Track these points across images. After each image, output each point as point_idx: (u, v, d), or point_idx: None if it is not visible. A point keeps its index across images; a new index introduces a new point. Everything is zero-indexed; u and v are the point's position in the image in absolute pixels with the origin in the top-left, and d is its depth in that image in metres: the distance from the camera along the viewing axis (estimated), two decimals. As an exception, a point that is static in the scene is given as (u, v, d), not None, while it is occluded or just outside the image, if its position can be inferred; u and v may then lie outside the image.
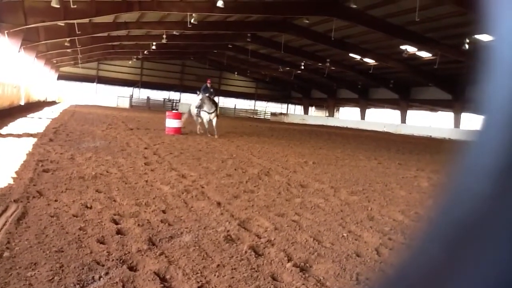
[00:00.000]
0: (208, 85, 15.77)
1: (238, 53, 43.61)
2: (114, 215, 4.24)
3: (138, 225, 3.96)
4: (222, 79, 61.02)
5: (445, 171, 0.41)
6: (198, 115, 15.34)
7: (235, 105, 59.89)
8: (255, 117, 59.08)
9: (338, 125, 46.31)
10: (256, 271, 3.13)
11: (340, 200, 5.94)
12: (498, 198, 0.36)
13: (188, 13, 23.74)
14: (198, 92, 15.59)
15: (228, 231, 4.01)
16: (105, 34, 30.94)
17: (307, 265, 3.36)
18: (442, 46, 26.81)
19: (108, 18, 25.85)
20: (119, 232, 3.75)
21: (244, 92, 63.25)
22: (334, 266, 3.35)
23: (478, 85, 0.40)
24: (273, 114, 56.88)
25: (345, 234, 4.27)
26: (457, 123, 38.07)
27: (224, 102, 61.19)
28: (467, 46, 23.75)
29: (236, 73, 58.32)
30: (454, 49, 26.00)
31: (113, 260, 3.09)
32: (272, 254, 3.49)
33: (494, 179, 0.36)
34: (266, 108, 64.39)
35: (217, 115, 15.44)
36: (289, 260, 3.39)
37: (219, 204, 5.07)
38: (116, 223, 4.00)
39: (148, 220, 4.16)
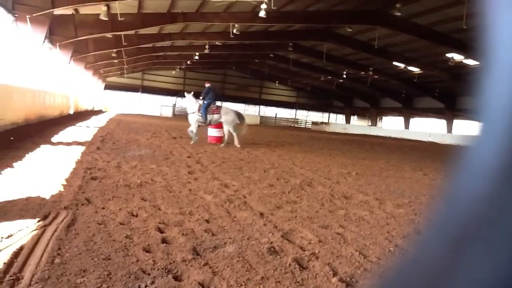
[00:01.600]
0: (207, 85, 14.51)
1: (279, 62, 43.78)
2: (159, 223, 4.29)
3: (183, 234, 3.99)
4: (263, 88, 61.41)
5: (447, 173, 0.41)
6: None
7: (276, 114, 60.02)
8: (296, 126, 58.95)
9: (381, 135, 45.45)
10: (301, 285, 3.07)
11: (386, 212, 5.79)
12: (498, 199, 0.35)
13: (231, 24, 24.08)
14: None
15: (271, 242, 3.98)
16: (150, 45, 31.81)
17: (353, 280, 3.27)
18: (490, 53, 25.91)
19: (153, 30, 26.62)
20: (164, 241, 3.78)
21: (285, 101, 63.31)
22: (381, 282, 3.24)
23: (479, 87, 0.40)
24: (314, 123, 56.62)
25: (391, 249, 4.14)
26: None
27: (265, 111, 61.53)
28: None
29: (277, 82, 58.45)
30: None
31: (158, 269, 3.11)
32: (317, 268, 3.42)
33: (494, 180, 0.36)
34: (307, 117, 64.22)
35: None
36: (335, 274, 3.31)
37: (262, 214, 5.05)
38: (161, 232, 4.04)
39: (192, 229, 4.18)
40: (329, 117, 67.11)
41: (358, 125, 59.31)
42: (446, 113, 43.58)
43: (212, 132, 15.01)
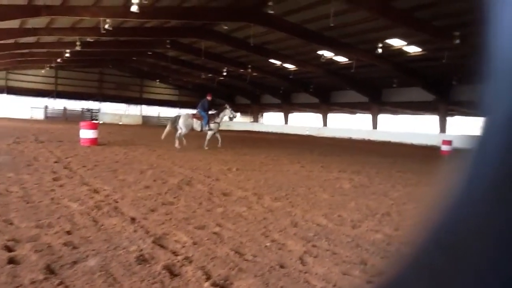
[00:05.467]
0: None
1: (158, 60, 42.62)
2: (8, 240, 3.70)
3: (36, 251, 3.47)
4: (144, 87, 59.49)
5: (447, 176, 0.41)
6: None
7: (159, 113, 58.48)
8: (179, 125, 58.01)
9: (263, 130, 46.75)
10: (170, 295, 2.81)
11: (263, 207, 5.75)
12: (497, 202, 0.35)
13: (101, 19, 22.68)
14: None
15: (141, 250, 3.64)
16: (12, 41, 28.82)
17: (227, 282, 3.08)
18: (357, 50, 27.90)
19: (13, 24, 24.10)
20: (11, 261, 3.24)
21: (168, 100, 61.94)
22: (256, 281, 3.10)
23: (478, 86, 0.39)
24: (197, 121, 56.20)
25: (268, 244, 4.06)
26: (374, 124, 40.02)
27: (147, 110, 59.63)
28: (380, 50, 24.92)
29: (158, 80, 57.03)
30: (369, 53, 27.18)
31: (-1, 297, 2.63)
32: (189, 273, 3.18)
33: (493, 182, 0.36)
34: (190, 115, 63.64)
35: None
36: (208, 278, 3.10)
37: (133, 219, 4.67)
38: (10, 250, 3.48)
39: (48, 244, 3.67)
40: (212, 115, 67.25)
41: (241, 122, 60.33)
42: (321, 107, 46.23)
43: (87, 133, 14.00)
